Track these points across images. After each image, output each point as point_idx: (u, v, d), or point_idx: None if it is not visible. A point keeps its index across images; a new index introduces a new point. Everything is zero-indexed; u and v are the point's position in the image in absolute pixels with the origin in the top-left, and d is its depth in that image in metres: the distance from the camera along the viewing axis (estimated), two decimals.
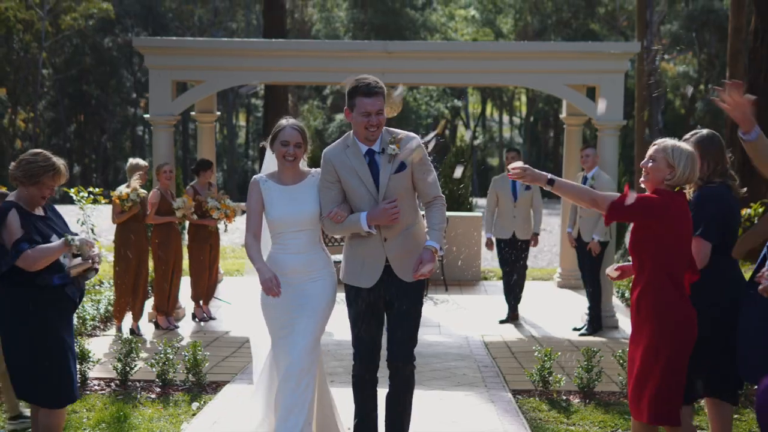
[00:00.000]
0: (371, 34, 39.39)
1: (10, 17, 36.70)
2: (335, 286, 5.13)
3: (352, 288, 4.98)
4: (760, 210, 11.41)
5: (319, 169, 5.06)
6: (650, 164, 4.41)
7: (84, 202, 11.90)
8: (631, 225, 4.51)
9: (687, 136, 4.91)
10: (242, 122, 56.10)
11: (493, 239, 9.98)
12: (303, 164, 5.12)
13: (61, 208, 6.18)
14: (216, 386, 6.98)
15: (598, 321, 9.22)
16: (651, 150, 4.48)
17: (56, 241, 4.68)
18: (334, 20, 41.44)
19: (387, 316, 4.98)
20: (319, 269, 5.05)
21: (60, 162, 4.86)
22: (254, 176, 5.16)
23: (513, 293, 9.83)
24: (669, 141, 4.46)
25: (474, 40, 46.54)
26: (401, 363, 4.87)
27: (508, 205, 9.75)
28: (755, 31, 16.91)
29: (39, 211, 4.81)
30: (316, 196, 5.01)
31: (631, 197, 4.31)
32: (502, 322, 9.82)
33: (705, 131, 4.86)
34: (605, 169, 9.40)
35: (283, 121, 5.07)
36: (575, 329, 9.30)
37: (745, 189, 4.91)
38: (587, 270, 9.20)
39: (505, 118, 57.39)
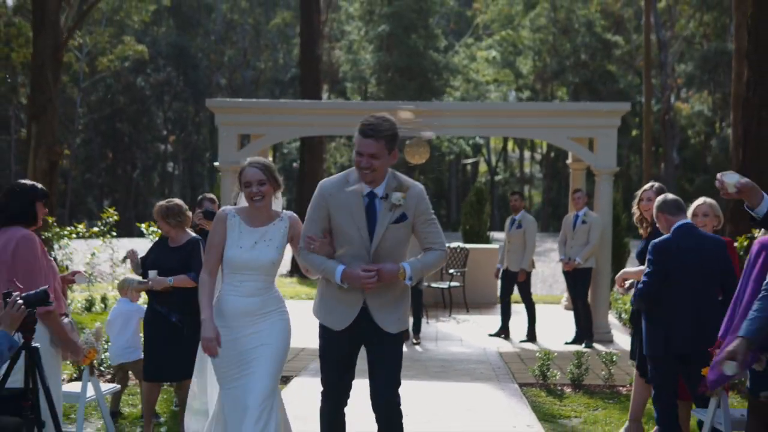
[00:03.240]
0: (395, 75, 41.19)
1: None
2: (289, 325, 4.88)
3: (323, 327, 4.69)
4: (745, 243, 12.97)
5: (290, 213, 4.87)
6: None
7: (154, 235, 13.81)
8: None
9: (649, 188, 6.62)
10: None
11: (500, 269, 11.82)
12: (278, 203, 4.88)
13: (131, 242, 7.83)
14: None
15: (585, 333, 10.90)
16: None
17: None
18: (360, 62, 43.23)
19: (368, 359, 4.65)
20: (268, 312, 4.78)
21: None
22: (222, 208, 4.91)
23: (504, 313, 11.62)
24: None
25: (495, 80, 48.48)
26: (384, 402, 4.57)
27: (505, 240, 11.62)
28: (747, 82, 18.57)
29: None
30: (281, 242, 4.77)
31: None
32: (490, 335, 11.64)
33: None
34: (603, 208, 11.23)
35: (245, 162, 4.83)
36: (566, 342, 11.01)
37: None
38: (577, 292, 10.98)
39: (526, 153, 59.03)
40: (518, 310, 12.13)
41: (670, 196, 5.79)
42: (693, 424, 6.41)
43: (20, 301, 4.28)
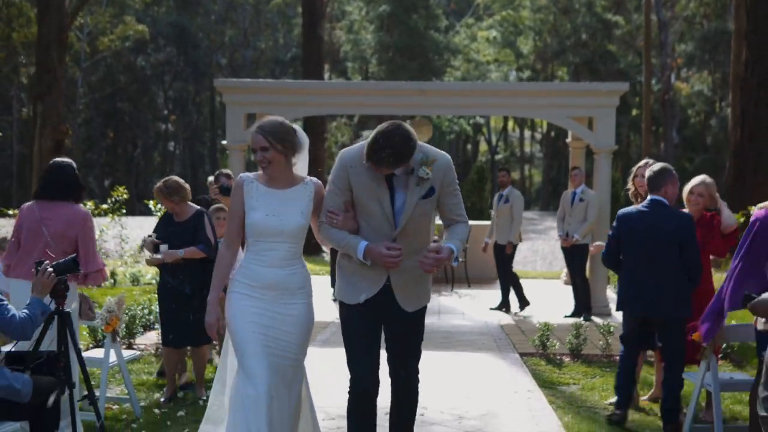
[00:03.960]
0: (396, 55, 41.33)
1: None
2: (312, 309, 4.53)
3: (343, 304, 4.44)
4: (741, 220, 13.25)
5: (314, 179, 4.53)
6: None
7: (161, 212, 14.10)
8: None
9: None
10: None
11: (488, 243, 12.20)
12: (302, 167, 4.55)
13: (133, 220, 8.14)
14: None
15: (583, 306, 11.22)
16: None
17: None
18: (361, 42, 43.35)
19: (385, 335, 4.51)
20: (294, 289, 4.42)
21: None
22: (240, 175, 4.56)
23: (504, 287, 11.98)
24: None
25: (495, 60, 48.60)
26: (403, 382, 4.52)
27: (493, 215, 12.04)
28: (746, 62, 18.78)
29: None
30: (306, 207, 4.40)
31: None
32: (492, 309, 11.99)
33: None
34: (602, 185, 11.52)
35: (252, 128, 4.51)
36: (565, 316, 11.31)
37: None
38: (575, 267, 11.28)
39: (527, 133, 59.26)
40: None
41: (656, 168, 6.08)
42: (688, 390, 6.71)
43: (50, 269, 4.58)
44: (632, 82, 36.70)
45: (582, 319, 11.00)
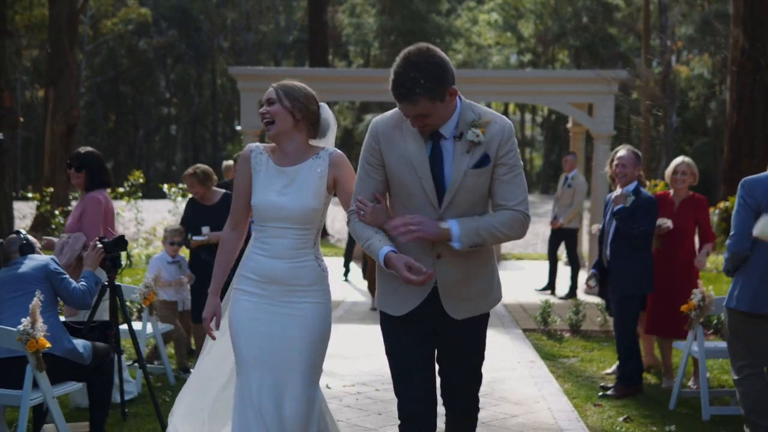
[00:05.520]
0: (398, 38, 41.66)
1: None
2: (329, 313, 3.84)
3: (384, 315, 3.58)
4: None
5: (333, 149, 3.82)
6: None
7: (175, 196, 14.65)
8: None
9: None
10: None
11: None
12: (326, 141, 3.89)
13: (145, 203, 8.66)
14: None
15: (572, 288, 11.81)
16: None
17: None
18: (363, 26, 43.66)
19: (438, 353, 3.58)
20: (304, 286, 3.75)
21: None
22: (249, 144, 3.93)
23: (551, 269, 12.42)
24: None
25: (497, 43, 48.98)
26: (459, 413, 3.67)
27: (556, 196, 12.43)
28: (742, 48, 19.21)
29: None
30: (317, 186, 3.73)
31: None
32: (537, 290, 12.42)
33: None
34: (599, 169, 12.00)
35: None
36: (561, 297, 11.79)
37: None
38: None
39: (527, 116, 59.67)
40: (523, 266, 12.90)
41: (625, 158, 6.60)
42: (677, 360, 7.25)
43: (99, 245, 5.11)
44: (633, 66, 37.07)
45: (564, 297, 11.56)
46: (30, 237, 5.04)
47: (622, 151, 6.72)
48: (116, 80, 51.92)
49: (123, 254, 6.66)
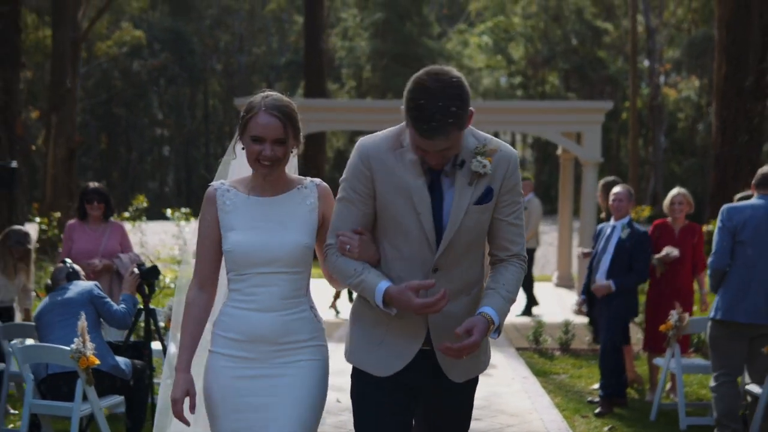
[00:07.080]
0: (390, 62, 42.37)
1: (48, 45, 39.84)
2: (326, 373, 3.18)
3: (360, 374, 3.02)
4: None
5: (316, 180, 3.22)
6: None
7: (178, 220, 15.22)
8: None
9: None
10: None
11: None
12: (291, 167, 3.24)
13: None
14: None
15: (528, 306, 12.25)
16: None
17: None
18: (355, 50, 44.34)
19: (420, 419, 3.13)
20: (300, 341, 3.10)
21: None
22: (210, 184, 3.19)
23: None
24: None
25: (487, 66, 49.73)
26: None
27: None
28: (725, 74, 19.84)
29: None
30: (306, 219, 3.11)
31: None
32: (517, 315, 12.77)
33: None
34: (588, 194, 12.69)
35: (257, 98, 3.05)
36: (517, 315, 12.10)
37: None
38: None
39: (518, 137, 60.31)
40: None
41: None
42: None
43: (136, 271, 5.67)
44: (621, 88, 37.80)
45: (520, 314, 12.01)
46: (75, 266, 5.61)
47: (617, 188, 7.39)
48: (110, 102, 52.35)
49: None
